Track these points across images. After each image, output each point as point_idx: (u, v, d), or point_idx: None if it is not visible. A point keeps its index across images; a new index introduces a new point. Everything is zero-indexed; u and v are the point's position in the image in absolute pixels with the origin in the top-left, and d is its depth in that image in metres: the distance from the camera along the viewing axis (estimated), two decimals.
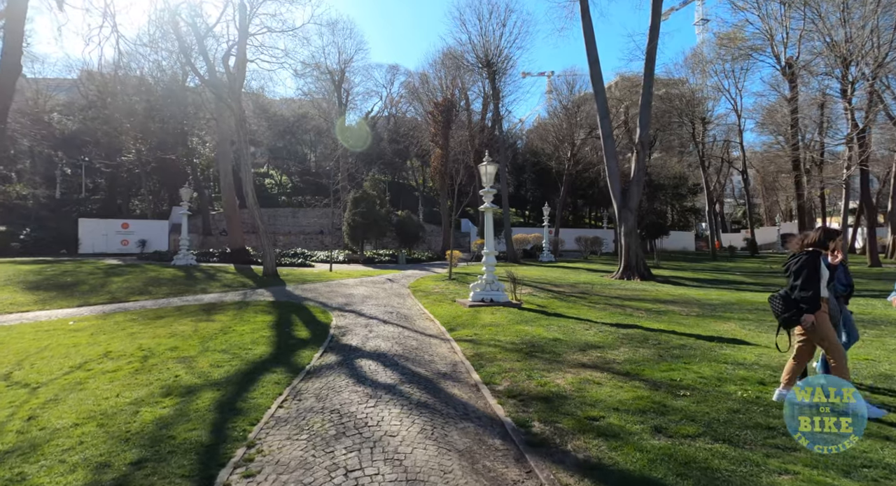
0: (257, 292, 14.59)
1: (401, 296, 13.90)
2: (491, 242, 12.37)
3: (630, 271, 18.34)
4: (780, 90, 32.41)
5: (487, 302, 11.77)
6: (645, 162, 19.20)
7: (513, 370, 5.94)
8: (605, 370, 5.86)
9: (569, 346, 7.21)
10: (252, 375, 5.94)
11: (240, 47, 19.02)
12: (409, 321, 9.92)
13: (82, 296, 13.31)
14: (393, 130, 56.76)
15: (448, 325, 9.33)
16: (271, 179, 58.11)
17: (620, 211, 18.75)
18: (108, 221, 34.03)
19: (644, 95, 18.61)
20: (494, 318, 9.88)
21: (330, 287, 15.63)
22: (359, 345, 7.64)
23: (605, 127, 18.96)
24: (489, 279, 12.10)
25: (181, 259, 22.61)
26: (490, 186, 12.31)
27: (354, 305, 12.03)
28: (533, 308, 11.22)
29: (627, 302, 12.26)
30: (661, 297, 13.34)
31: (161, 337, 8.16)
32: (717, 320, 9.48)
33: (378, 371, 6.03)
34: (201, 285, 15.99)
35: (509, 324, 9.14)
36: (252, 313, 10.52)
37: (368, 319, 10.12)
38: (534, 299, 12.82)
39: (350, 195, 28.22)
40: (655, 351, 6.75)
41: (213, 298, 13.22)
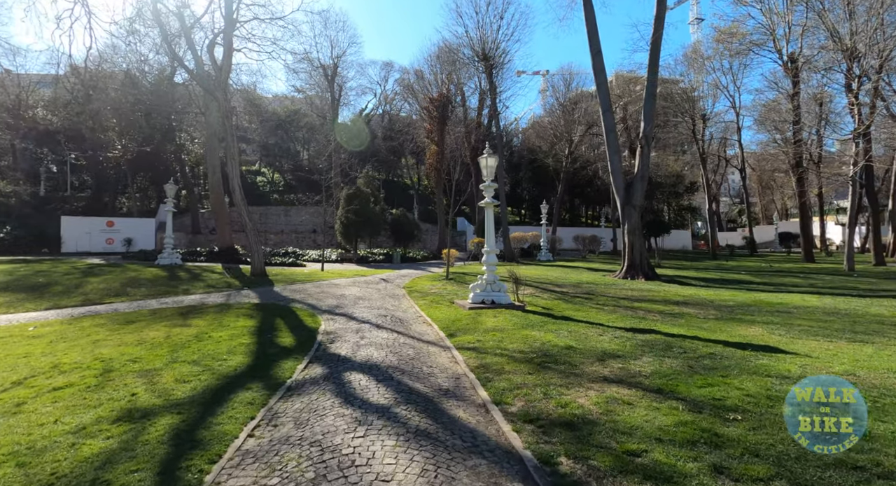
0: (242, 293, 13.70)
1: (395, 297, 13.08)
2: (492, 239, 11.57)
3: (634, 271, 17.62)
4: (780, 87, 31.81)
5: (488, 304, 10.97)
6: (649, 157, 18.48)
7: (525, 386, 5.14)
8: (632, 386, 5.07)
9: (585, 355, 6.43)
10: (222, 393, 5.09)
11: (226, 36, 18.07)
12: (404, 326, 9.10)
13: (53, 298, 12.36)
14: (387, 127, 55.84)
15: (447, 330, 8.53)
16: (263, 176, 56.97)
17: (623, 208, 18.02)
18: (91, 219, 32.86)
19: (648, 86, 17.86)
20: (497, 322, 9.08)
21: (320, 288, 14.77)
22: (348, 354, 6.81)
23: (608, 121, 18.21)
24: (490, 279, 11.30)
25: (165, 258, 21.63)
26: (491, 181, 11.51)
27: (346, 307, 11.19)
28: (538, 311, 10.44)
29: (637, 304, 11.51)
30: (672, 298, 12.61)
31: (127, 345, 7.28)
32: (739, 324, 8.73)
33: (369, 388, 5.20)
34: (184, 285, 15.07)
35: (515, 329, 8.35)
36: (233, 317, 9.65)
37: (360, 323, 9.29)
38: (537, 300, 12.04)
39: (343, 192, 27.32)
40: (683, 361, 5.98)
41: (195, 300, 12.32)
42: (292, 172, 53.00)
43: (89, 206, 38.80)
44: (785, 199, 69.60)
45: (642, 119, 18.02)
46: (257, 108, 53.74)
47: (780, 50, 30.24)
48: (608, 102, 18.21)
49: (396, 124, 55.30)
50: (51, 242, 30.00)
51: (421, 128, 39.61)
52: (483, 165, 11.50)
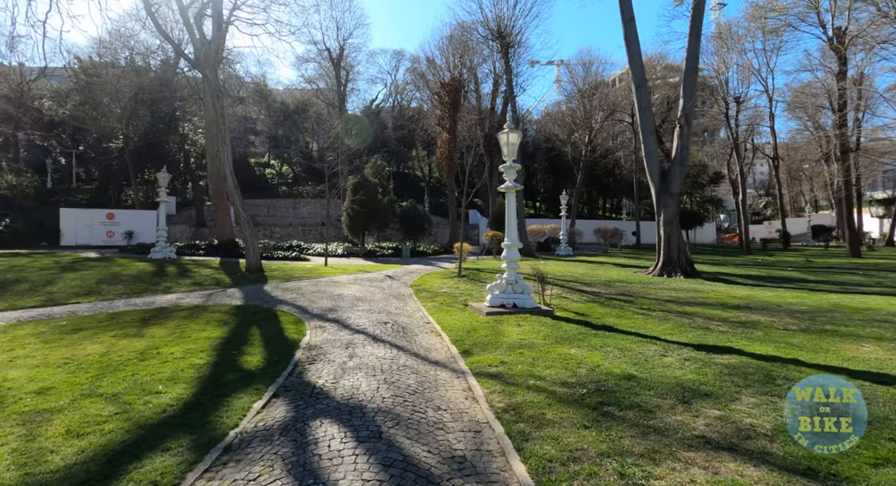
0: (228, 292, 12.07)
1: (401, 297, 11.32)
2: (514, 231, 9.70)
3: (671, 267, 15.60)
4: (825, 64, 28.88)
5: (509, 308, 9.14)
6: (689, 138, 16.33)
7: (585, 455, 3.31)
8: (756, 459, 3.20)
9: (657, 391, 4.56)
10: (122, 460, 3.36)
11: (214, 6, 16.33)
12: (407, 337, 7.32)
13: (11, 298, 10.85)
14: (398, 116, 53.98)
15: (461, 343, 6.72)
16: (272, 169, 55.68)
17: (659, 196, 15.94)
18: (91, 211, 31.75)
19: (689, 59, 15.67)
20: (524, 333, 7.25)
21: (317, 286, 13.07)
22: (328, 385, 5.04)
23: (642, 97, 16.07)
24: (511, 278, 9.45)
25: (158, 253, 20.18)
26: (512, 161, 9.62)
27: (341, 310, 9.45)
28: (571, 318, 8.57)
29: (689, 308, 9.56)
30: (726, 300, 10.62)
31: (48, 366, 5.63)
32: (839, 339, 6.76)
33: (342, 458, 3.39)
34: (167, 283, 13.51)
35: (547, 344, 6.50)
36: (201, 325, 7.96)
37: (353, 333, 7.53)
38: (567, 303, 10.16)
39: (349, 181, 25.59)
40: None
41: (169, 300, 10.70)
42: (301, 165, 51.56)
43: (94, 198, 37.86)
44: (815, 190, 66.31)
45: (681, 95, 15.86)
46: (265, 99, 52.35)
47: (825, 24, 27.55)
48: (642, 75, 16.07)
49: (407, 113, 53.40)
50: (50, 235, 28.95)
51: (431, 114, 37.70)
52: (503, 141, 9.60)
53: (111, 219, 31.65)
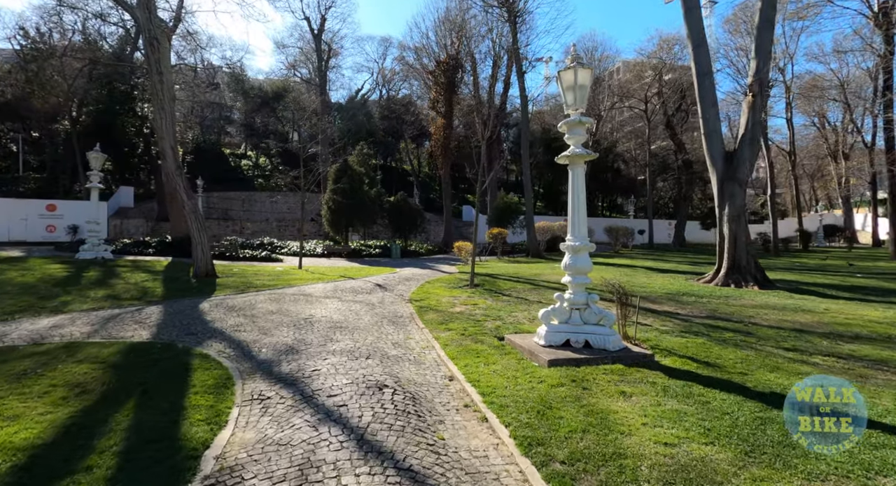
0: (144, 312, 8.28)
1: (398, 323, 7.70)
2: (582, 223, 6.19)
3: (739, 274, 12.26)
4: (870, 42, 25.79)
5: (580, 348, 5.62)
6: (763, 112, 13.00)
7: None
8: None
9: None
10: None
11: None
12: (422, 427, 3.70)
13: None
14: (385, 106, 50.03)
15: (537, 452, 3.15)
16: (248, 160, 51.25)
17: (723, 184, 12.56)
18: (28, 202, 27.35)
19: (764, 9, 12.32)
20: (643, 413, 3.72)
21: (281, 302, 9.36)
22: None
23: (702, 60, 12.65)
24: (579, 300, 5.90)
25: (88, 252, 16.17)
26: (580, 113, 6.08)
27: (305, 353, 5.79)
28: (691, 370, 5.07)
29: (847, 346, 6.16)
30: (877, 329, 7.25)
31: None
32: None
33: None
34: (69, 296, 9.65)
35: (723, 459, 2.98)
36: (36, 391, 4.23)
37: (320, 419, 3.86)
38: (651, 334, 6.68)
39: (330, 168, 21.80)
40: None
41: (38, 329, 6.88)
42: (281, 156, 47.25)
43: (44, 188, 33.17)
44: (816, 189, 64.53)
45: (754, 56, 12.47)
46: (241, 84, 47.99)
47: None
48: (701, 33, 12.65)
49: (395, 103, 49.50)
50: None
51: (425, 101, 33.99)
52: (569, 81, 5.99)
53: (52, 211, 27.27)
